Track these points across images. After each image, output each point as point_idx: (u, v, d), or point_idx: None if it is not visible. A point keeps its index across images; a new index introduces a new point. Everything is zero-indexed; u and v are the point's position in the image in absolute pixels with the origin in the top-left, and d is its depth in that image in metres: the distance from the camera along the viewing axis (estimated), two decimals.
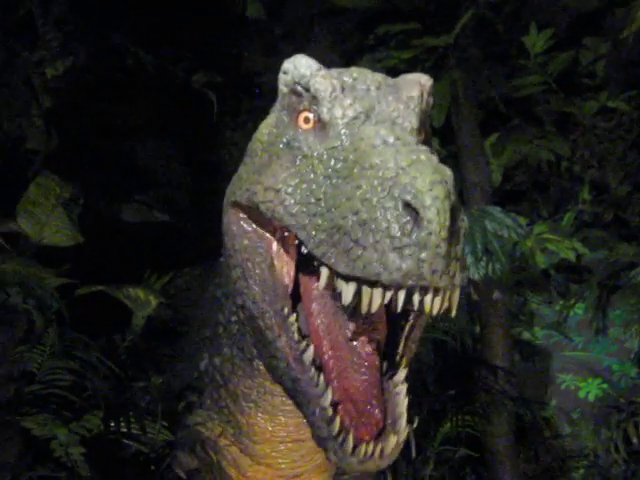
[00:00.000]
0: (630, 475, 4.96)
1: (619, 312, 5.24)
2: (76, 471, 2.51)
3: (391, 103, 1.71)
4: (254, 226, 1.84)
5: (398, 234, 1.39)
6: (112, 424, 2.74)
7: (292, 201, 1.63)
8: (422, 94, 1.76)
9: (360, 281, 1.46)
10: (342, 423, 1.64)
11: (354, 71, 1.78)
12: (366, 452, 1.61)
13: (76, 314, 2.95)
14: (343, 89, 1.71)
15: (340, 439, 1.62)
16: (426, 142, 1.77)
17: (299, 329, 1.79)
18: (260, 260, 1.83)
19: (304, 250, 1.63)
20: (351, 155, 1.57)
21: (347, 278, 1.47)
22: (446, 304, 1.48)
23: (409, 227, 1.39)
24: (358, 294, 1.48)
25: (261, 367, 2.04)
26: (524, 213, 5.10)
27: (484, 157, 4.59)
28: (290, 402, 1.94)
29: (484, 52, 4.61)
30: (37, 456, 2.60)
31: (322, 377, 1.71)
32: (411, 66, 4.50)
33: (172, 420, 2.70)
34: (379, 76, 1.80)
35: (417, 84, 1.78)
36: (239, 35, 3.82)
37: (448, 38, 4.45)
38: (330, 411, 1.65)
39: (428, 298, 1.45)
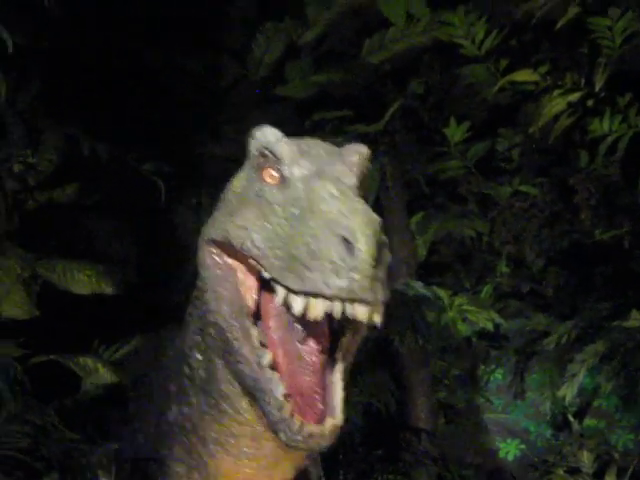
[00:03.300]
0: None
1: (535, 376, 5.60)
2: None
3: (337, 165, 2.14)
4: (225, 258, 2.25)
5: (337, 260, 1.82)
6: None
7: (257, 237, 2.05)
8: (361, 160, 2.22)
9: (308, 295, 1.88)
10: (291, 410, 2.02)
11: (309, 140, 2.24)
12: (310, 432, 1.99)
13: (30, 381, 3.19)
14: (301, 153, 2.15)
15: (289, 421, 1.99)
16: (364, 198, 2.17)
17: (259, 340, 2.17)
18: (229, 286, 2.24)
19: (265, 275, 2.04)
20: (304, 203, 1.99)
21: (298, 293, 1.90)
22: (373, 315, 1.90)
23: (345, 255, 1.82)
24: (306, 306, 1.90)
25: (227, 409, 2.39)
26: (448, 284, 5.40)
27: (410, 234, 4.99)
28: (253, 445, 2.39)
29: (410, 138, 5.03)
30: None
31: (276, 376, 2.09)
32: None
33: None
34: (327, 145, 2.27)
35: (357, 152, 2.24)
36: (187, 124, 4.18)
37: (378, 125, 4.88)
38: (281, 400, 2.03)
39: (358, 308, 1.87)
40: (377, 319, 1.92)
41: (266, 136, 2.23)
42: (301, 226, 1.94)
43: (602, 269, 5.35)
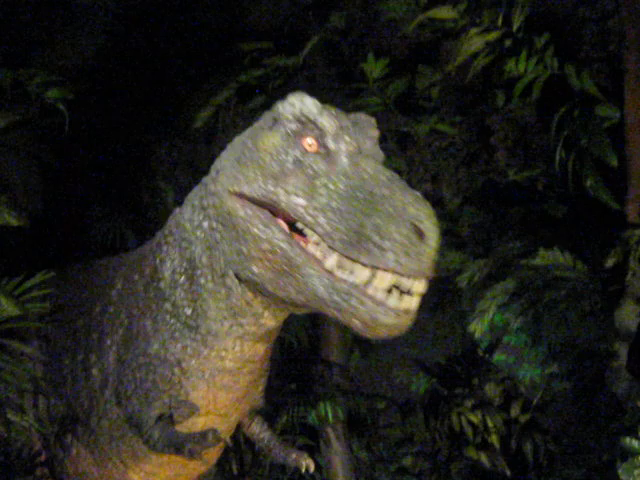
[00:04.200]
0: (452, 458, 5.48)
1: (448, 312, 5.73)
2: None
3: (366, 141, 2.38)
4: (255, 207, 2.40)
5: (409, 244, 2.07)
6: None
7: (312, 208, 2.24)
8: (378, 134, 2.46)
9: (375, 269, 2.13)
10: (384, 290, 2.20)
11: (333, 110, 2.39)
12: (407, 305, 2.18)
13: None
14: (341, 127, 2.32)
15: (388, 299, 2.16)
16: None
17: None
18: (263, 226, 2.37)
19: (299, 226, 2.29)
20: (358, 182, 2.22)
21: (364, 266, 2.15)
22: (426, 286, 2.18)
23: (416, 240, 2.08)
24: (370, 277, 2.15)
25: (214, 345, 2.72)
26: None
27: None
28: (232, 380, 2.80)
29: (330, 73, 4.98)
30: None
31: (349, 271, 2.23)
32: (262, 83, 4.82)
33: None
34: (344, 113, 2.43)
35: (374, 126, 2.47)
36: None
37: (297, 59, 4.81)
38: (367, 285, 2.19)
39: (419, 284, 2.14)
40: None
41: (306, 105, 2.36)
42: (364, 206, 2.15)
43: (516, 209, 5.45)
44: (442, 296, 5.62)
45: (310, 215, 2.25)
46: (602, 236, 4.57)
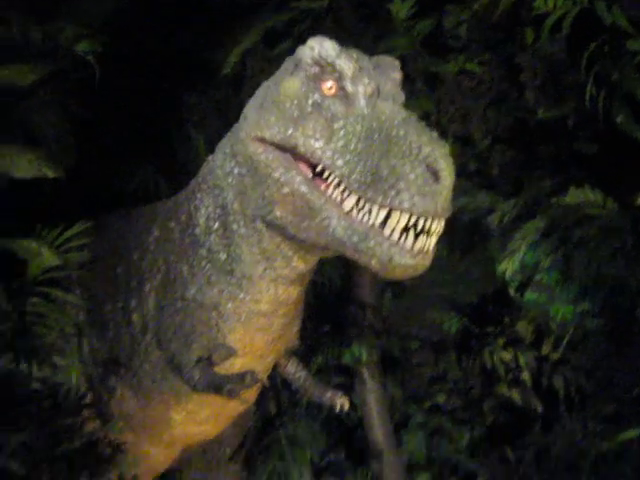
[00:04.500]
0: (484, 395, 5.57)
1: (479, 253, 5.73)
2: None
3: (387, 83, 2.39)
4: (277, 152, 2.45)
5: (424, 185, 2.10)
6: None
7: (330, 151, 2.29)
8: (401, 76, 2.49)
9: (391, 209, 2.17)
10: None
11: (354, 52, 2.41)
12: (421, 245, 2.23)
13: None
14: (360, 69, 2.33)
15: (403, 243, 2.22)
16: None
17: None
18: (284, 170, 2.43)
19: (319, 169, 2.34)
20: (374, 123, 2.24)
21: (381, 207, 2.19)
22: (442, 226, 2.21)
23: (431, 181, 2.10)
24: (385, 217, 2.20)
25: (249, 288, 2.79)
26: None
27: None
28: (266, 322, 2.89)
29: (356, 15, 4.93)
30: None
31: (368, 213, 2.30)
32: (289, 27, 4.79)
33: None
34: (364, 55, 2.46)
35: (397, 68, 2.49)
36: None
37: (322, 2, 4.77)
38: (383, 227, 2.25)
39: (435, 224, 2.18)
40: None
41: (325, 49, 2.37)
42: (381, 147, 2.18)
43: (546, 148, 5.42)
44: (472, 237, 5.64)
45: (328, 158, 2.29)
46: (632, 173, 4.54)
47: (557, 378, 5.50)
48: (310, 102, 2.37)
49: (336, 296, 4.96)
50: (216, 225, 2.83)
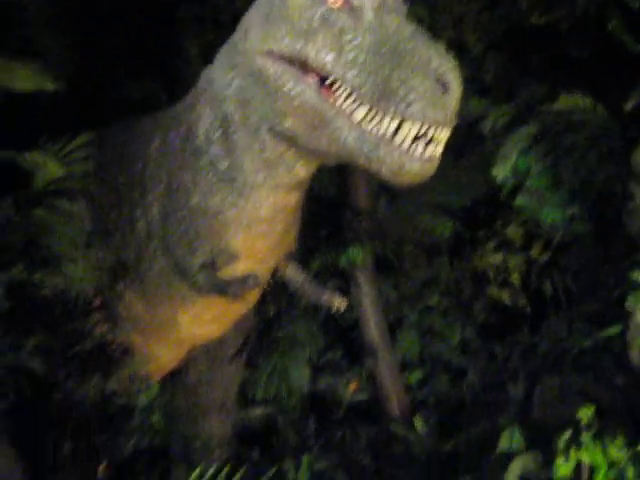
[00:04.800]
0: (474, 297, 5.77)
1: (472, 158, 5.78)
2: None
3: None
4: (285, 65, 2.49)
5: (434, 97, 2.19)
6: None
7: (340, 63, 2.33)
8: None
9: (401, 120, 2.23)
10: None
11: None
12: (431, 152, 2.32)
13: None
14: None
15: (414, 149, 2.28)
16: None
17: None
18: (294, 82, 2.47)
19: (329, 81, 2.37)
20: (383, 37, 2.29)
21: (392, 118, 2.26)
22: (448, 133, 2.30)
23: (440, 92, 2.19)
24: (396, 127, 2.26)
25: (250, 196, 2.87)
26: None
27: None
28: (267, 226, 2.97)
29: None
30: None
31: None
32: None
33: None
34: None
35: None
36: None
37: None
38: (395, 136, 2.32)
39: (441, 133, 2.26)
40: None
41: None
42: (390, 60, 2.24)
43: (538, 53, 5.42)
44: (465, 142, 5.68)
45: (340, 70, 2.34)
46: (623, 79, 4.58)
47: (545, 280, 5.68)
48: (317, 15, 2.40)
49: (332, 203, 5.07)
50: (216, 135, 2.90)
